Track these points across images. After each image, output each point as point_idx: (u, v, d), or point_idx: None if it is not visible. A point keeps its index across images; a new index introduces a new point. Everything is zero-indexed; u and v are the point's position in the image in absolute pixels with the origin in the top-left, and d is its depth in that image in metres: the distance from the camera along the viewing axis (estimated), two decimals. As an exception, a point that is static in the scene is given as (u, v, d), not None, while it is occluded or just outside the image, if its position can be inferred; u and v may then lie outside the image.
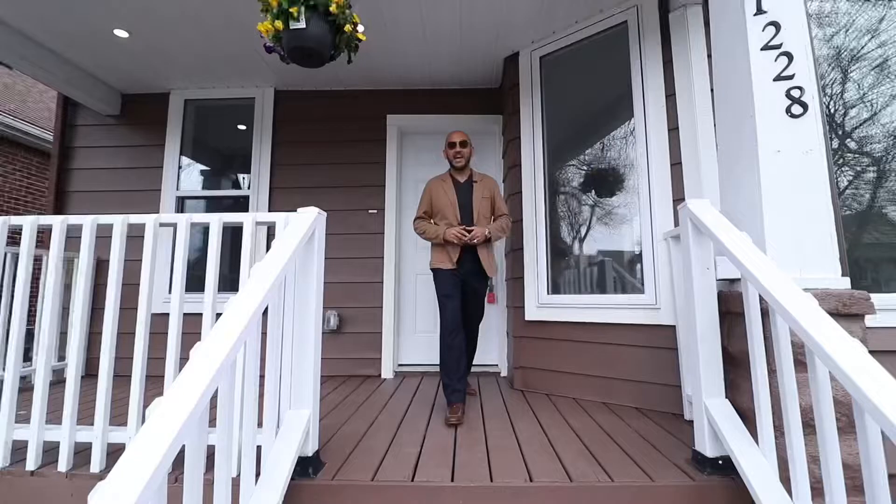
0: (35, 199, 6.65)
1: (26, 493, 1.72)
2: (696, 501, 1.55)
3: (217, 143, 4.10)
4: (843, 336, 1.16)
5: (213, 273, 1.80)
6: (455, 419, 2.26)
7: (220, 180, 4.06)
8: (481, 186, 2.74)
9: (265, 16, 1.83)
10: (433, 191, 2.73)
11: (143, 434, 0.89)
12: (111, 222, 1.89)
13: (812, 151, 1.70)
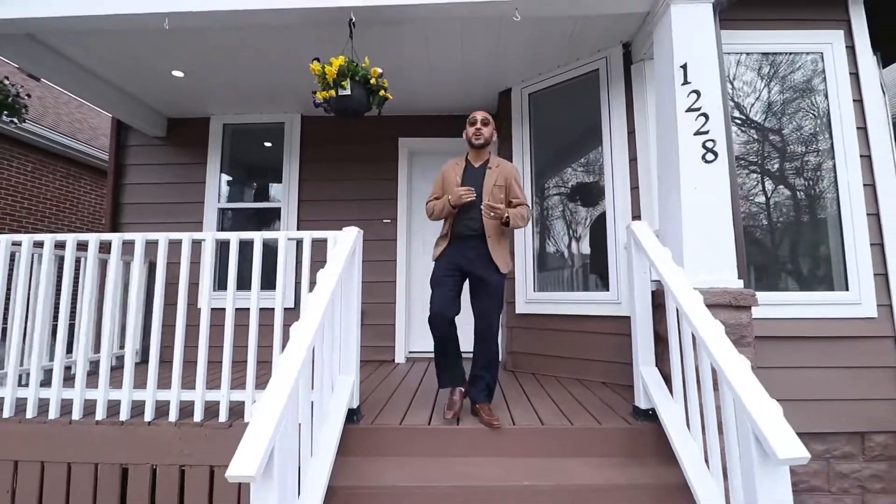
0: (72, 206, 7.26)
1: (146, 437, 2.35)
2: (630, 438, 2.20)
3: (252, 161, 4.71)
4: (712, 322, 1.77)
5: (277, 278, 2.43)
6: (451, 415, 2.30)
7: (256, 193, 4.68)
8: (496, 173, 2.52)
9: (319, 84, 2.45)
10: (445, 173, 2.62)
11: (285, 355, 1.52)
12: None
13: (720, 187, 2.33)
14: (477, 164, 2.57)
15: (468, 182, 2.48)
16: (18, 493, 2.40)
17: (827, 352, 2.95)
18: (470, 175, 2.53)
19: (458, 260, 2.47)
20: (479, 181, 2.49)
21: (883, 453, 2.93)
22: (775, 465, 1.33)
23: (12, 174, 6.38)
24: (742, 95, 3.21)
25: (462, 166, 2.58)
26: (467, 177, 2.52)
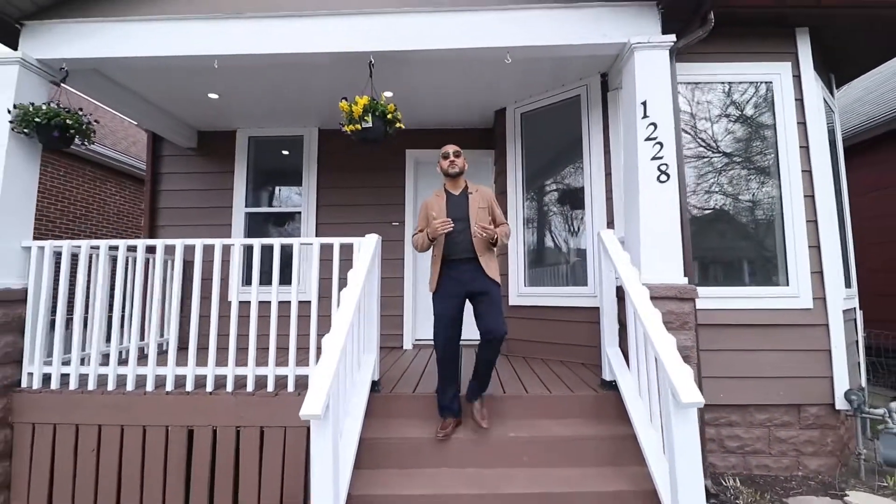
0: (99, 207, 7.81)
1: (208, 404, 2.91)
2: (596, 403, 2.76)
3: (274, 169, 5.25)
4: (652, 311, 2.32)
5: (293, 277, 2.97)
6: (443, 434, 2.53)
7: (278, 198, 5.22)
8: (477, 197, 2.75)
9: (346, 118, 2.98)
10: (429, 206, 2.81)
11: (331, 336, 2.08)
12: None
13: (671, 203, 2.87)
14: (457, 192, 2.78)
15: (453, 209, 2.70)
16: (102, 452, 2.97)
17: (771, 337, 3.50)
18: (453, 203, 2.74)
19: (455, 286, 2.64)
20: (463, 207, 2.71)
21: (815, 422, 3.50)
22: (683, 408, 1.88)
23: (46, 178, 6.91)
24: (703, 118, 3.74)
25: (444, 197, 2.79)
26: (451, 205, 2.73)
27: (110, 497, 2.91)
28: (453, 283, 2.66)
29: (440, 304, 2.68)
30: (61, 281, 3.15)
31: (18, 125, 3.06)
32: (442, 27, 3.11)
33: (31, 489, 2.96)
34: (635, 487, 2.27)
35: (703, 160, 3.74)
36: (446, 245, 2.69)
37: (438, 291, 2.71)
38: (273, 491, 2.80)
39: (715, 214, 3.76)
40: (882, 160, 6.63)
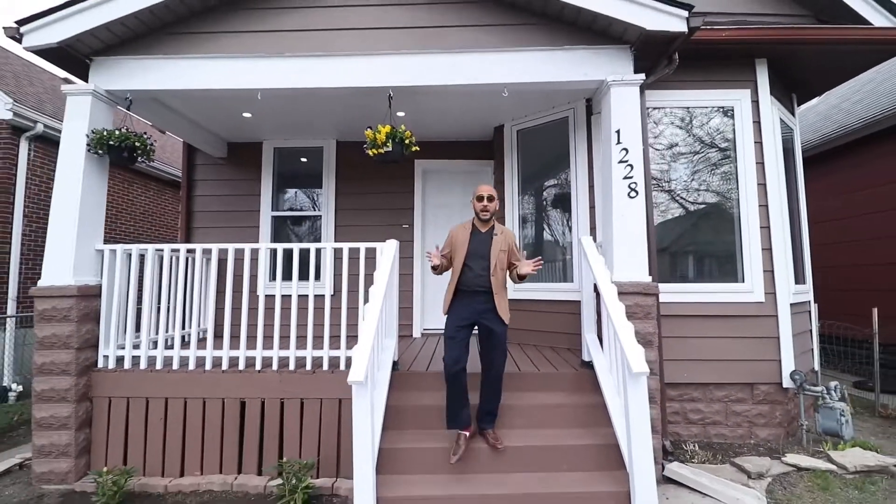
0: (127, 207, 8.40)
1: (258, 380, 3.53)
2: (576, 379, 3.39)
3: (297, 177, 5.84)
4: (617, 304, 2.92)
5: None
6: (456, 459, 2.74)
7: (300, 203, 5.82)
8: (500, 239, 2.95)
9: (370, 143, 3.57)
10: (455, 235, 3.03)
11: (365, 323, 2.69)
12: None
13: (639, 215, 3.46)
14: (483, 230, 2.99)
15: (477, 245, 2.92)
16: (168, 420, 3.59)
17: (729, 326, 4.12)
18: (478, 240, 2.95)
19: (468, 313, 2.89)
20: (486, 245, 2.92)
21: (765, 399, 4.12)
22: (634, 377, 2.50)
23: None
24: (672, 137, 4.34)
25: (469, 230, 2.99)
26: (476, 241, 2.94)
27: (175, 456, 3.54)
28: (466, 310, 2.90)
29: (451, 328, 2.91)
30: (130, 278, 3.75)
31: (94, 147, 3.65)
32: (449, 65, 3.68)
33: (108, 452, 3.58)
34: (603, 442, 2.91)
35: (673, 175, 4.34)
36: (462, 278, 2.92)
37: (451, 315, 2.95)
38: (311, 449, 3.42)
39: (684, 221, 4.37)
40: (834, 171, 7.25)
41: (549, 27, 3.68)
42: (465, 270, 2.93)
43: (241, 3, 3.81)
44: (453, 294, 2.97)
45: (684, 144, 4.35)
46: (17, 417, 5.22)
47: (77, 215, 3.61)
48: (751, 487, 3.15)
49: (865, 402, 5.21)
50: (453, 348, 2.84)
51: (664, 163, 4.36)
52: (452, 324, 2.92)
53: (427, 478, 2.78)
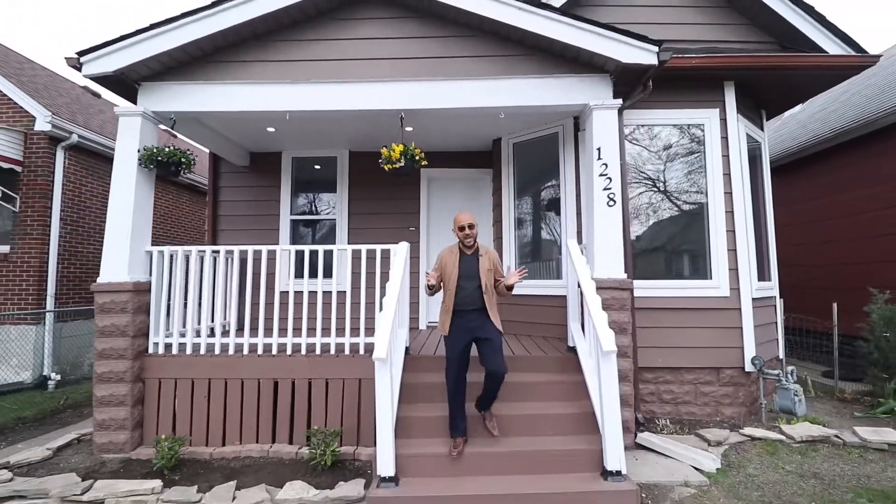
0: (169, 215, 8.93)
1: (289, 363, 4.10)
2: (562, 361, 3.96)
3: (313, 184, 6.40)
4: (595, 297, 3.49)
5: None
6: (457, 452, 3.15)
7: (316, 207, 6.38)
8: (486, 259, 3.28)
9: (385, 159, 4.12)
10: (444, 259, 3.34)
11: (384, 313, 3.26)
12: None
13: (617, 221, 4.03)
14: (469, 253, 3.31)
15: (465, 267, 3.25)
16: (211, 398, 4.15)
17: (698, 317, 4.69)
18: (465, 262, 3.27)
19: (463, 332, 3.21)
20: (474, 266, 3.25)
21: (730, 381, 4.69)
22: (605, 355, 3.07)
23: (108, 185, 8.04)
24: (649, 151, 4.90)
25: (457, 255, 3.31)
26: (464, 263, 3.26)
27: (217, 429, 4.11)
28: (462, 329, 3.22)
29: (451, 348, 3.25)
30: (176, 275, 4.32)
31: (145, 162, 4.21)
32: (453, 91, 4.24)
33: (158, 425, 4.15)
34: (582, 411, 3.48)
35: (651, 185, 4.91)
36: (458, 297, 3.23)
37: (450, 335, 3.26)
38: (335, 422, 3.99)
39: (661, 225, 4.94)
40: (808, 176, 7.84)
41: (540, 58, 4.24)
42: (458, 291, 3.23)
43: (271, 36, 4.36)
44: (451, 317, 3.25)
45: (660, 157, 4.92)
46: (63, 402, 5.79)
47: (130, 222, 4.17)
48: (709, 452, 3.73)
49: (827, 387, 5.79)
50: (454, 368, 3.23)
51: (642, 174, 4.93)
52: (453, 347, 3.24)
53: (435, 440, 3.35)
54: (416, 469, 3.18)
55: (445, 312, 3.30)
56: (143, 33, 4.08)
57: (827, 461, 3.69)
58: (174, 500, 3.18)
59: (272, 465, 3.77)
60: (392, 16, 4.36)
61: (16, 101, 6.74)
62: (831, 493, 3.15)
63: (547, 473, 3.15)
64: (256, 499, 3.07)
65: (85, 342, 7.46)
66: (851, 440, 3.99)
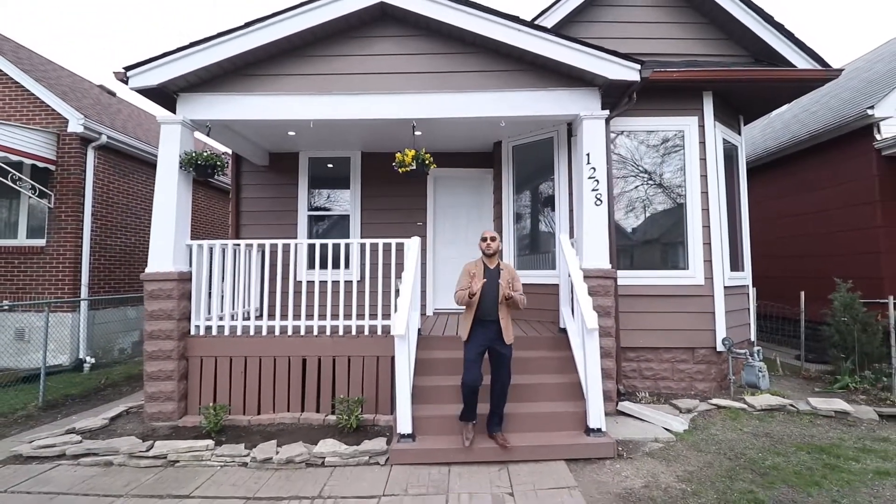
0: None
1: (315, 342, 4.68)
2: (554, 340, 4.56)
3: (328, 182, 6.93)
4: (582, 284, 4.07)
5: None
6: (469, 442, 3.50)
7: (331, 203, 6.93)
8: (506, 273, 3.63)
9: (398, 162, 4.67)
10: (470, 271, 3.62)
11: (402, 296, 3.84)
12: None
13: (603, 219, 4.60)
14: (492, 267, 3.66)
15: (487, 279, 3.54)
16: (247, 373, 4.73)
17: (676, 303, 5.28)
18: (488, 274, 3.59)
19: (484, 340, 3.53)
20: (495, 279, 3.57)
21: (703, 359, 5.30)
22: (589, 332, 3.66)
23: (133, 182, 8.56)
24: (635, 155, 5.46)
25: (481, 268, 3.65)
26: (487, 276, 3.57)
27: (253, 400, 4.69)
28: (481, 337, 3.54)
29: (471, 353, 3.54)
30: (214, 266, 4.88)
31: (186, 166, 4.75)
32: (459, 102, 4.77)
33: (200, 397, 4.73)
34: (570, 381, 4.09)
35: (636, 185, 5.48)
36: (480, 308, 3.54)
37: (469, 342, 3.57)
38: (356, 392, 4.58)
39: (644, 221, 5.52)
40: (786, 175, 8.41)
41: (536, 73, 4.78)
42: (481, 303, 3.54)
43: (295, 52, 4.87)
44: (471, 324, 3.56)
45: (644, 160, 5.48)
46: (103, 381, 6.38)
47: (174, 218, 4.72)
48: (679, 417, 4.34)
49: (795, 367, 6.41)
50: (471, 370, 3.51)
51: (629, 175, 5.49)
52: (472, 351, 3.54)
53: (444, 406, 3.94)
54: (429, 428, 3.78)
55: (466, 320, 3.60)
56: (183, 51, 4.60)
57: (780, 425, 4.30)
58: (226, 454, 3.77)
59: (304, 429, 4.37)
60: (403, 34, 4.88)
61: (49, 105, 7.24)
62: (777, 447, 3.76)
63: (540, 431, 3.76)
64: (297, 451, 3.67)
65: (114, 328, 8.06)
66: (804, 409, 4.61)
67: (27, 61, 8.18)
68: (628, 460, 3.57)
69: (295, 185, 6.81)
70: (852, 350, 5.60)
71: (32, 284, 7.21)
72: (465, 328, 3.61)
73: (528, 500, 3.03)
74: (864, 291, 5.89)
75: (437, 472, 3.44)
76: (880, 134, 6.77)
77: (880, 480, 3.21)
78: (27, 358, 7.01)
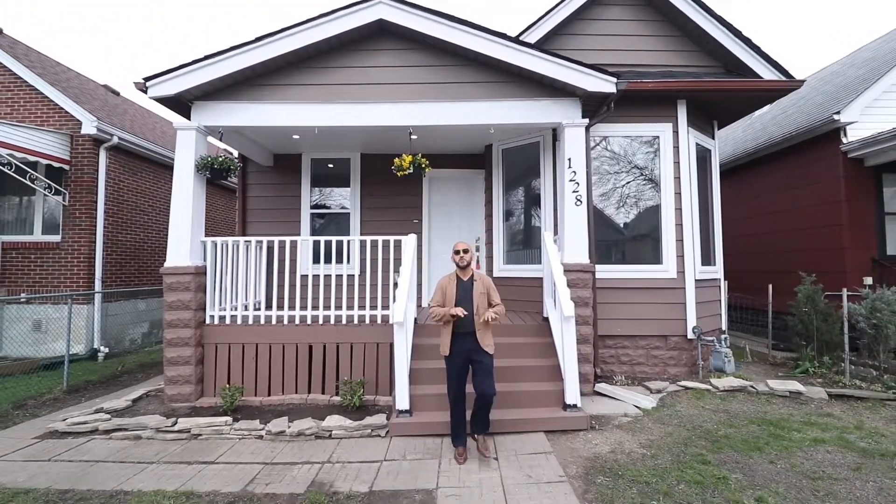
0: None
1: (320, 330, 5.13)
2: (538, 328, 5.04)
3: (329, 181, 7.36)
4: (562, 277, 4.55)
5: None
6: (462, 460, 3.47)
7: (332, 202, 7.36)
8: (480, 284, 3.61)
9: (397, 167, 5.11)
10: (444, 286, 3.64)
11: (400, 287, 4.30)
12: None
13: (582, 217, 5.06)
14: (465, 279, 3.65)
15: (461, 293, 3.56)
16: (258, 359, 5.18)
17: (652, 295, 5.77)
18: (462, 287, 3.60)
19: (461, 351, 3.54)
20: (469, 292, 3.58)
21: (675, 346, 5.80)
22: (566, 319, 4.13)
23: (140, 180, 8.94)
24: (614, 158, 5.92)
25: (455, 282, 3.64)
26: (460, 289, 3.59)
27: (264, 383, 5.15)
28: (459, 349, 3.55)
29: (451, 366, 3.59)
30: (228, 260, 5.31)
31: (202, 169, 5.17)
32: (452, 111, 5.20)
33: (216, 381, 5.18)
34: (550, 364, 4.57)
35: (615, 186, 5.94)
36: (456, 323, 3.55)
37: (449, 356, 3.59)
38: (357, 376, 5.04)
39: (623, 220, 5.99)
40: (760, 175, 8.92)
41: (523, 84, 5.22)
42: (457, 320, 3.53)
43: (301, 63, 5.29)
44: (450, 338, 3.57)
45: (623, 163, 5.95)
46: (119, 368, 6.82)
47: (190, 217, 5.15)
48: (649, 397, 4.84)
49: (763, 354, 6.92)
50: (454, 384, 3.58)
51: (609, 176, 5.96)
52: (453, 366, 3.59)
53: (437, 386, 4.40)
54: (425, 405, 4.25)
55: (446, 335, 3.60)
56: (198, 63, 5.01)
57: (739, 403, 4.80)
58: (243, 428, 4.23)
59: (311, 408, 4.83)
60: (400, 47, 5.30)
61: (63, 108, 7.61)
62: (732, 421, 4.26)
63: (524, 407, 4.24)
64: (307, 425, 4.13)
65: (125, 320, 8.48)
66: (763, 389, 5.12)
67: (39, 64, 8.52)
68: (599, 431, 4.06)
69: (298, 185, 7.23)
70: (813, 338, 6.11)
71: (49, 278, 7.61)
72: (445, 343, 3.61)
73: (510, 463, 3.51)
74: (830, 285, 6.40)
75: (431, 441, 3.92)
76: (846, 137, 7.27)
77: (815, 447, 3.71)
78: (45, 347, 7.44)
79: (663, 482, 3.13)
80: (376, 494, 3.10)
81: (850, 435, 3.93)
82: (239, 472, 3.48)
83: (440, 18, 4.96)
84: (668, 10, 6.17)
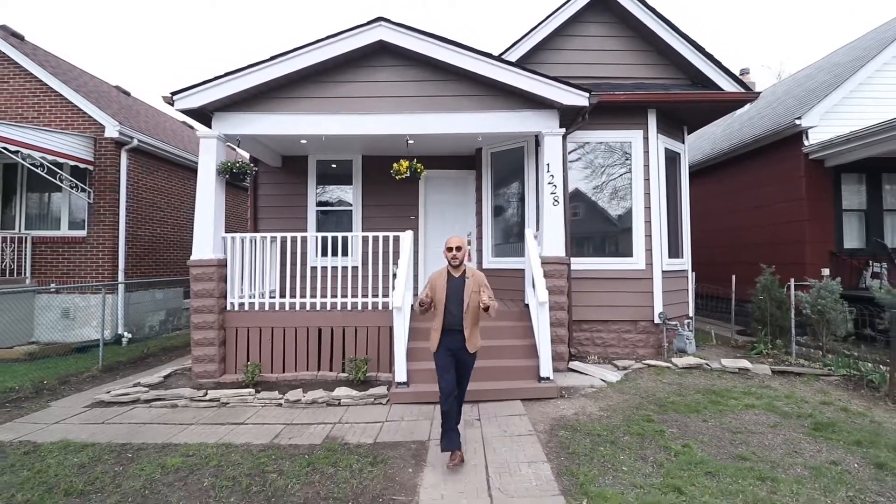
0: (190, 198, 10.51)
1: (329, 315, 5.84)
2: (519, 314, 5.75)
3: (333, 180, 8.03)
4: (539, 269, 5.25)
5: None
6: (452, 464, 3.26)
7: (336, 200, 8.03)
8: (472, 281, 3.45)
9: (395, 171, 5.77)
10: (434, 280, 3.54)
11: (399, 278, 5.00)
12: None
13: (559, 216, 5.75)
14: (457, 275, 3.51)
15: (452, 288, 3.43)
16: (274, 341, 5.89)
17: (623, 284, 6.48)
18: (453, 283, 3.46)
19: (450, 347, 3.46)
20: (460, 288, 3.44)
21: (644, 330, 6.52)
22: (541, 304, 4.84)
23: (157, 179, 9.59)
24: (590, 162, 6.59)
25: (446, 277, 3.50)
26: (451, 285, 3.45)
27: (279, 361, 5.86)
28: (449, 347, 3.48)
29: (439, 360, 3.49)
30: (245, 254, 6.00)
31: (223, 173, 5.84)
32: (444, 121, 5.85)
33: (236, 360, 5.89)
34: (528, 344, 5.29)
35: (591, 187, 6.63)
36: (445, 318, 3.46)
37: (438, 351, 3.51)
38: (362, 354, 5.75)
39: (598, 218, 6.68)
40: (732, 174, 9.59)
41: (507, 97, 5.87)
42: (446, 314, 3.47)
43: (311, 78, 5.92)
44: (440, 334, 3.49)
45: (599, 166, 6.62)
46: (145, 351, 7.53)
47: (213, 215, 5.82)
48: (616, 373, 5.57)
49: (726, 338, 7.65)
50: (445, 378, 3.45)
51: (586, 179, 6.64)
52: (442, 359, 3.49)
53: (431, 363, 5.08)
54: (420, 378, 4.97)
55: (435, 331, 3.52)
56: (219, 79, 5.65)
57: (693, 378, 5.53)
58: (265, 397, 4.96)
59: (321, 382, 5.55)
60: (398, 64, 5.94)
61: (87, 112, 8.23)
62: (681, 391, 4.99)
63: (504, 380, 4.97)
64: (320, 395, 4.86)
65: (145, 308, 9.18)
66: (716, 367, 5.85)
67: (59, 69, 9.12)
68: (567, 399, 4.79)
69: (304, 184, 7.90)
70: (768, 323, 6.84)
71: (76, 270, 8.30)
72: (434, 338, 3.55)
73: (489, 423, 4.24)
74: (792, 276, 7.11)
75: (425, 407, 4.64)
76: (808, 140, 7.94)
77: (746, 410, 4.44)
78: (73, 333, 8.15)
79: (612, 434, 3.86)
80: (380, 444, 3.83)
81: (778, 402, 4.66)
82: (265, 430, 4.21)
83: (432, 39, 5.61)
84: (640, 28, 6.80)
